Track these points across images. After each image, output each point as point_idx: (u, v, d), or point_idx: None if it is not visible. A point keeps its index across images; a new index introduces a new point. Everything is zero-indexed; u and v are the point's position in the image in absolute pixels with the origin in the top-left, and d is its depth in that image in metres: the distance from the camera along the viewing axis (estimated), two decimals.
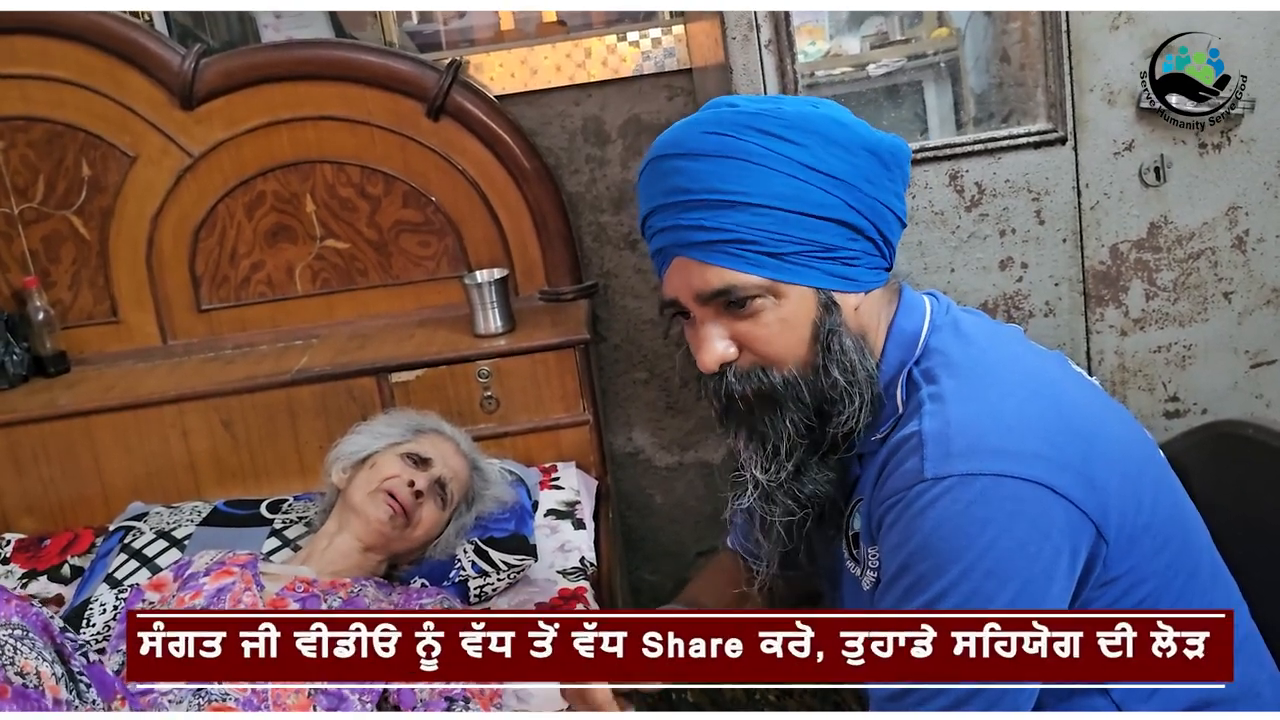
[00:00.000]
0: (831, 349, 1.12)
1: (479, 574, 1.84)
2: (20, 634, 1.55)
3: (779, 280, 1.10)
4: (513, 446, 2.26)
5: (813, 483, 1.16)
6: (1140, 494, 1.09)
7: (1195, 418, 1.96)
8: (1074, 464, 1.03)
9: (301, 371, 2.25)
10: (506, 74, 2.56)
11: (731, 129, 1.11)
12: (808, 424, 1.14)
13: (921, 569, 1.03)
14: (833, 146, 1.11)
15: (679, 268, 1.14)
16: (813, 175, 1.10)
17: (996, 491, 1.01)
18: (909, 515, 1.04)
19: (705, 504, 2.83)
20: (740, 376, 1.14)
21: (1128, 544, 1.06)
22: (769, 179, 1.09)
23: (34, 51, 2.35)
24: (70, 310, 2.49)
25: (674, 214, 1.12)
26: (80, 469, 2.25)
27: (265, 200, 2.46)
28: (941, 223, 1.89)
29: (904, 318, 1.19)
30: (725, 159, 1.10)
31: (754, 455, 1.16)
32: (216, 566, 1.72)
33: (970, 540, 1.01)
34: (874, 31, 2.24)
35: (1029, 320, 1.92)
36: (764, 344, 1.12)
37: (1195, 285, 1.92)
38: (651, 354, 2.74)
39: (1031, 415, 1.06)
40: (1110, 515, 1.05)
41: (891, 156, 1.15)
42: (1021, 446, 1.03)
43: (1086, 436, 1.07)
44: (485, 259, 2.48)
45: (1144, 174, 1.88)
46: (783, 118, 1.12)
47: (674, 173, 1.12)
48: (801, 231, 1.10)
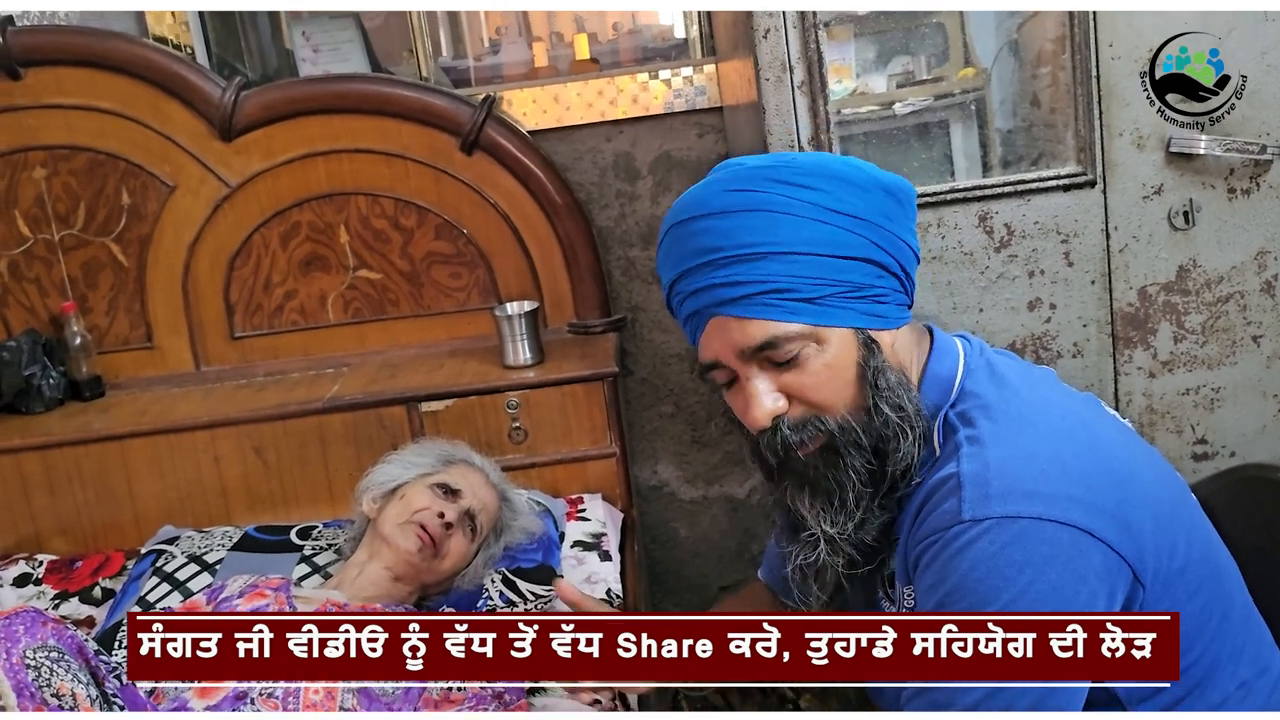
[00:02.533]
0: (880, 387, 1.13)
1: (506, 604, 1.85)
2: (56, 656, 1.57)
3: (819, 325, 1.12)
4: (540, 477, 2.27)
5: (872, 529, 1.17)
6: (1175, 537, 1.10)
7: (1223, 460, 1.96)
8: (1110, 508, 1.04)
9: (333, 399, 2.27)
10: (539, 110, 2.59)
11: (751, 183, 1.14)
12: (869, 467, 1.15)
13: (957, 609, 1.04)
14: (850, 187, 1.14)
15: (717, 328, 1.15)
16: (836, 217, 1.12)
17: (1034, 534, 1.02)
18: (946, 555, 1.05)
19: (730, 538, 2.84)
20: (795, 428, 1.14)
21: (1163, 588, 1.07)
22: (796, 226, 1.11)
23: (80, 83, 2.40)
24: (106, 335, 2.52)
25: (705, 274, 1.14)
26: (113, 492, 2.27)
27: (300, 230, 2.49)
28: (971, 263, 1.90)
29: (937, 362, 1.21)
30: (751, 212, 1.12)
31: (820, 510, 1.16)
32: (250, 589, 1.74)
33: (1007, 582, 1.02)
34: (900, 70, 2.26)
35: (1057, 361, 1.93)
36: (814, 391, 1.14)
37: (1224, 329, 1.92)
38: (678, 388, 2.76)
39: (1067, 459, 1.07)
40: (1146, 559, 1.06)
41: (903, 194, 1.18)
42: (1058, 490, 1.04)
43: (1121, 480, 1.08)
44: (515, 291, 2.51)
45: (1173, 218, 1.89)
46: (797, 166, 1.14)
47: (701, 233, 1.14)
48: (834, 274, 1.12)
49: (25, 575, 2.17)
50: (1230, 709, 1.13)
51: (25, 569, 2.18)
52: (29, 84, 2.41)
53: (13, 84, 2.41)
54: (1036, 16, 2.00)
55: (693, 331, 1.19)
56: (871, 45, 2.25)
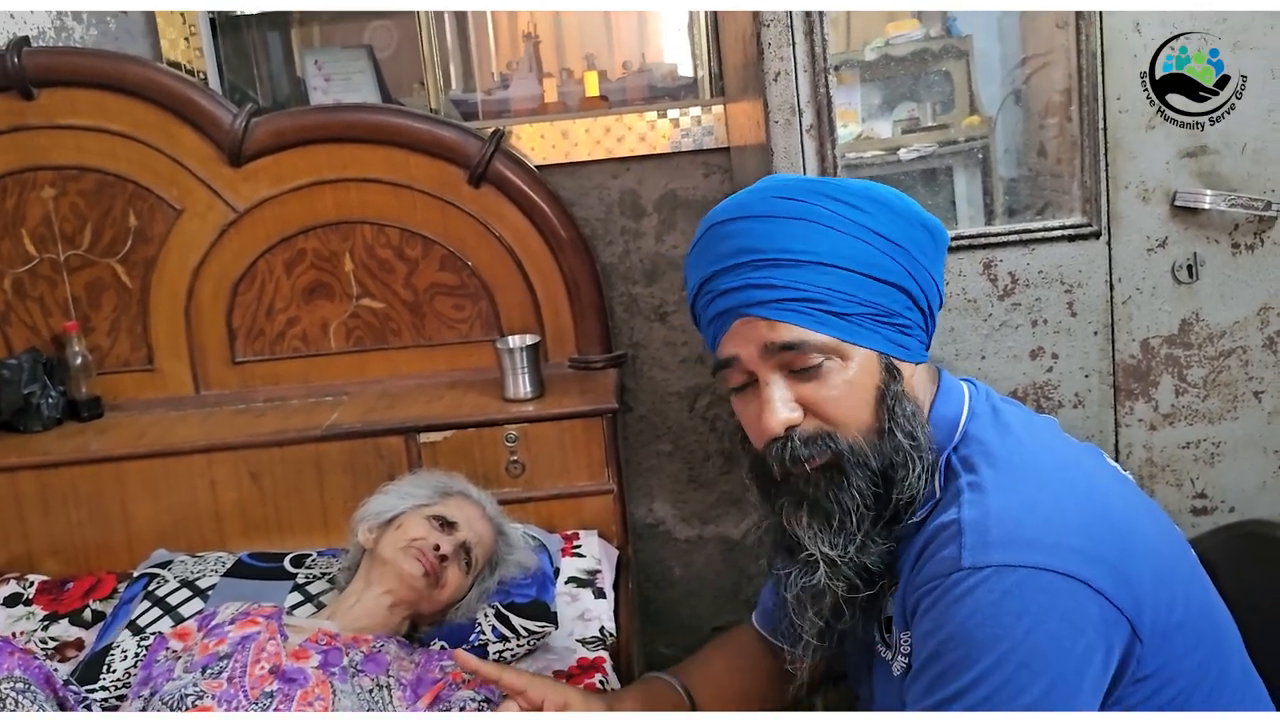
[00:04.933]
0: (895, 413, 1.14)
1: (499, 639, 1.84)
2: (22, 687, 1.57)
3: (845, 340, 1.13)
4: (536, 512, 2.27)
5: (873, 555, 1.16)
6: (1174, 592, 1.09)
7: (1222, 515, 1.95)
8: (1110, 560, 1.04)
9: (332, 427, 2.27)
10: (547, 145, 2.60)
11: (800, 193, 1.15)
12: (875, 492, 1.14)
13: (954, 657, 1.03)
14: (892, 214, 1.15)
15: (744, 326, 1.15)
16: (878, 240, 1.13)
17: (1033, 584, 1.01)
18: (944, 603, 1.04)
19: (724, 578, 2.82)
20: (806, 441, 1.14)
21: (1161, 642, 1.06)
22: (838, 240, 1.12)
23: (92, 104, 2.41)
24: (108, 356, 2.52)
25: (742, 274, 1.14)
26: (107, 514, 2.27)
27: (305, 257, 2.50)
28: (974, 310, 1.91)
29: (943, 403, 1.21)
30: (796, 220, 1.13)
31: (817, 531, 1.15)
32: (242, 616, 1.72)
33: (1005, 631, 1.01)
34: (906, 116, 2.27)
35: (1058, 411, 1.92)
36: (831, 405, 1.13)
37: (1226, 383, 1.92)
38: (677, 426, 2.75)
39: (1069, 509, 1.07)
40: (1145, 612, 1.05)
41: (939, 233, 1.20)
42: (1059, 540, 1.04)
43: (1122, 532, 1.08)
44: (517, 324, 2.51)
45: (1176, 271, 1.90)
46: (847, 187, 1.16)
47: (742, 234, 1.15)
48: (867, 294, 1.13)
49: (15, 595, 2.16)
50: None
51: (16, 589, 2.17)
52: (42, 104, 2.42)
53: (25, 104, 2.42)
54: (1045, 67, 2.02)
55: (716, 332, 1.19)
56: (878, 91, 2.26)
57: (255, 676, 1.57)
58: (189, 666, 1.61)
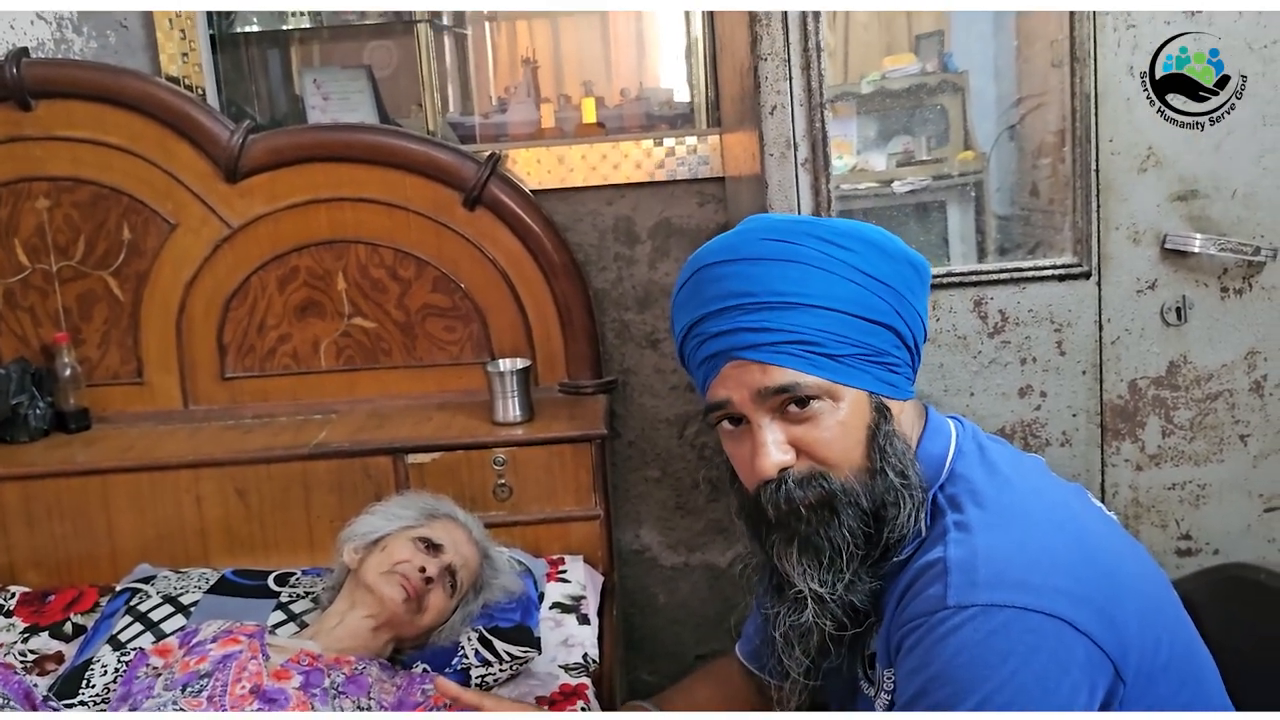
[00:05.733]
0: (887, 452, 1.14)
1: (482, 663, 1.83)
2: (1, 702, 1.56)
3: (837, 382, 1.13)
4: (522, 536, 2.26)
5: (861, 593, 1.16)
6: (1159, 634, 1.09)
7: (1206, 557, 1.96)
8: (1096, 601, 1.04)
9: (320, 446, 2.27)
10: (543, 170, 2.61)
11: (790, 235, 1.15)
12: (865, 530, 1.14)
13: (939, 696, 1.03)
14: (881, 254, 1.16)
15: (736, 369, 1.15)
16: (868, 280, 1.14)
17: (1019, 624, 1.02)
18: (929, 641, 1.04)
19: (709, 606, 2.82)
20: (800, 483, 1.14)
21: (1145, 684, 1.07)
22: (829, 282, 1.13)
23: (90, 116, 2.42)
24: (97, 368, 2.52)
25: (732, 317, 1.14)
26: (91, 527, 2.26)
27: (298, 275, 2.50)
28: (964, 347, 1.92)
29: (930, 441, 1.21)
30: (787, 263, 1.13)
31: (809, 568, 1.15)
32: (224, 634, 1.72)
33: (990, 671, 1.01)
34: (900, 150, 2.29)
35: (1045, 449, 1.93)
36: (824, 447, 1.14)
37: (1212, 426, 1.93)
38: (665, 453, 2.75)
39: (1056, 550, 1.07)
40: (1129, 655, 1.05)
41: (924, 270, 1.21)
42: (1045, 581, 1.04)
43: (1108, 574, 1.08)
44: (508, 347, 2.51)
45: (1165, 313, 1.91)
46: (834, 227, 1.17)
47: (732, 277, 1.15)
48: (858, 334, 1.13)
49: None
50: None
51: None
52: (39, 115, 2.43)
53: (23, 114, 2.43)
54: (1039, 108, 2.04)
55: (706, 375, 1.18)
56: (873, 123, 2.28)
57: (236, 696, 1.57)
58: (169, 684, 1.61)
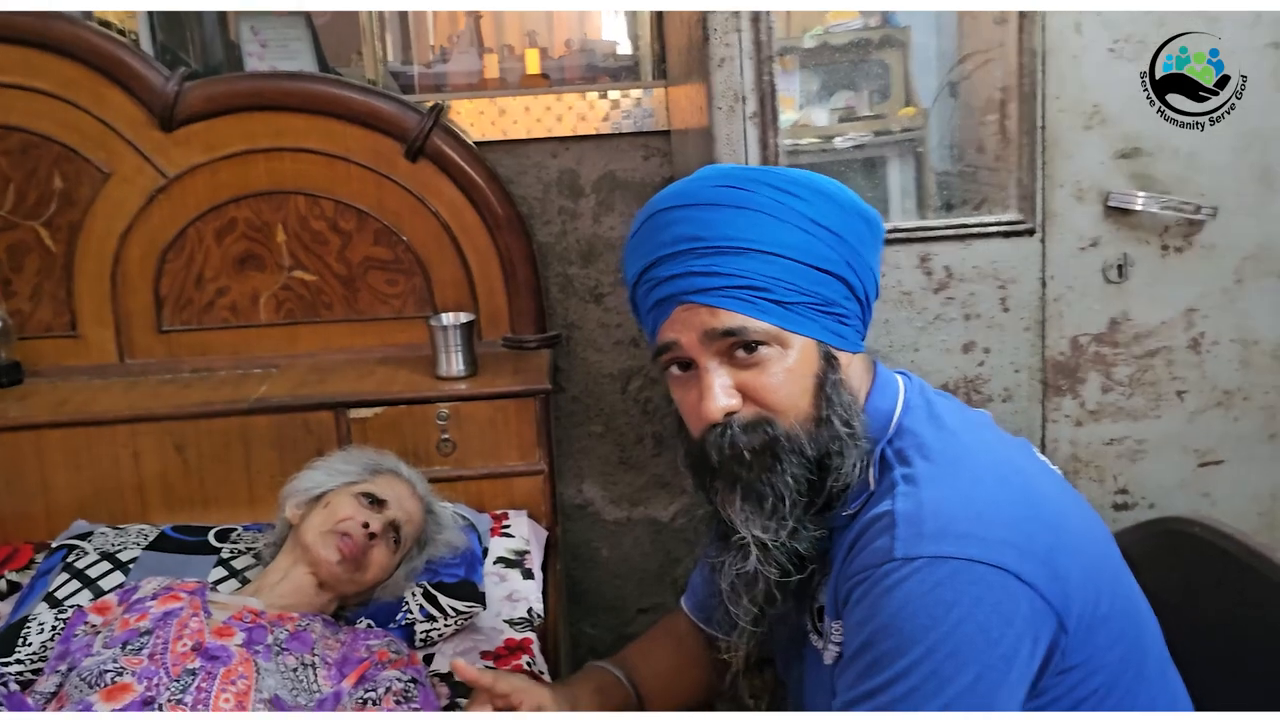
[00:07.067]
0: (833, 401, 1.15)
1: (426, 619, 1.83)
2: None
3: (786, 329, 1.13)
4: (465, 491, 2.25)
5: (805, 540, 1.17)
6: (1100, 586, 1.11)
7: (1143, 511, 1.99)
8: (1040, 553, 1.06)
9: (260, 401, 2.24)
10: (486, 121, 2.58)
11: (743, 182, 1.15)
12: (809, 478, 1.15)
13: (885, 647, 1.04)
14: (835, 205, 1.16)
15: (685, 312, 1.15)
16: (818, 230, 1.14)
17: (964, 575, 1.03)
18: (876, 593, 1.05)
19: (651, 560, 2.83)
20: (745, 428, 1.14)
21: (1086, 634, 1.08)
22: (780, 230, 1.13)
23: (17, 61, 2.34)
24: (29, 321, 2.46)
25: (683, 261, 1.14)
26: (25, 483, 2.21)
27: (237, 226, 2.45)
28: (909, 303, 1.92)
29: (878, 395, 1.22)
30: (739, 209, 1.13)
31: (751, 515, 1.16)
32: (164, 591, 1.69)
33: (935, 621, 1.02)
34: (843, 105, 2.28)
35: (988, 405, 1.95)
36: (770, 393, 1.14)
37: (1150, 382, 1.96)
38: (609, 408, 2.75)
39: (1002, 503, 1.08)
40: (1072, 605, 1.07)
41: (876, 224, 1.22)
42: (991, 533, 1.05)
43: (1053, 527, 1.09)
44: (451, 302, 2.49)
45: (1107, 271, 1.93)
46: (788, 176, 1.17)
47: (684, 221, 1.15)
48: (807, 283, 1.14)
49: None
50: None
51: None
52: None
53: None
54: (986, 64, 2.04)
55: (656, 319, 1.18)
56: (815, 77, 2.27)
57: (177, 653, 1.54)
58: (109, 642, 1.58)
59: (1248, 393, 1.97)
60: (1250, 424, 1.98)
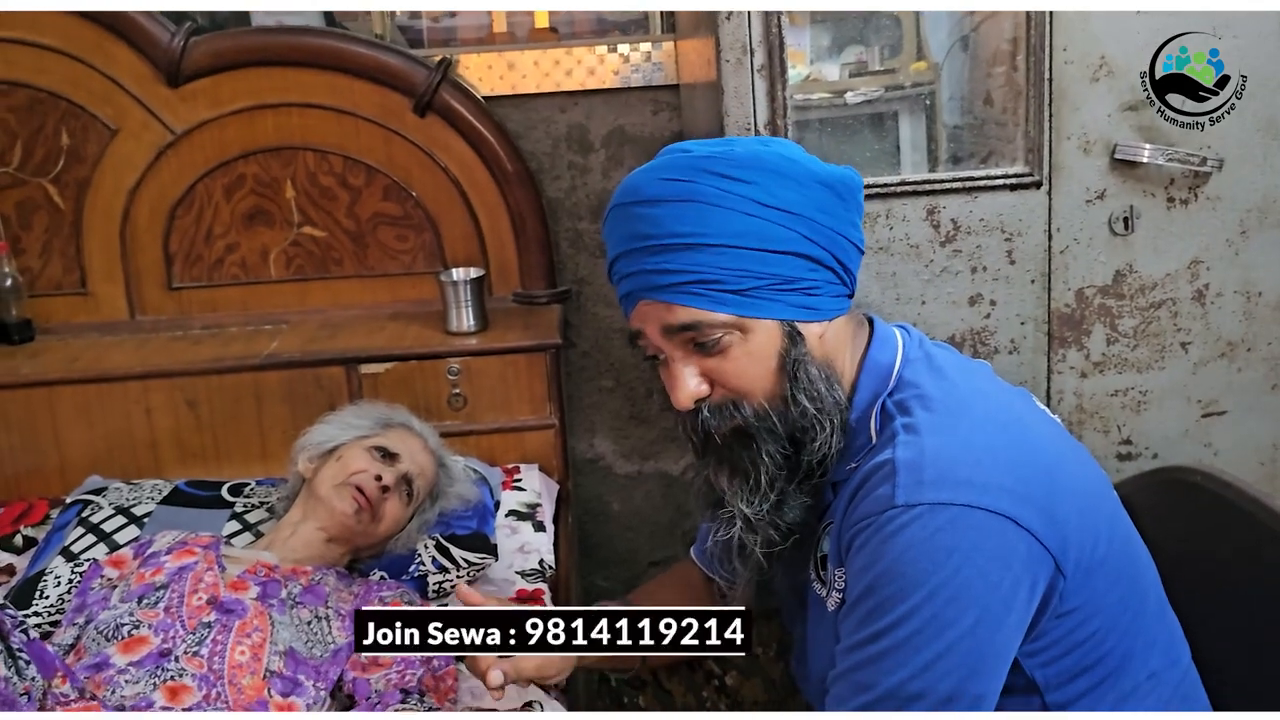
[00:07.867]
0: (799, 379, 1.17)
1: (439, 570, 1.85)
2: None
3: (744, 316, 1.15)
4: (477, 445, 2.27)
5: (792, 510, 1.20)
6: (1097, 531, 1.13)
7: (1146, 461, 2.01)
8: (1038, 499, 1.08)
9: (271, 356, 2.25)
10: (495, 76, 2.57)
11: (686, 173, 1.16)
12: (784, 454, 1.18)
13: (887, 592, 1.06)
14: (785, 181, 1.16)
15: (646, 307, 1.18)
16: (767, 211, 1.14)
17: (964, 521, 1.05)
18: (878, 539, 1.07)
19: (662, 514, 2.85)
20: (714, 412, 1.18)
21: (1084, 578, 1.10)
22: (726, 219, 1.14)
23: (23, 17, 2.34)
24: (39, 279, 2.47)
25: (638, 259, 1.17)
26: (39, 439, 2.23)
27: (245, 183, 2.46)
28: (916, 256, 1.93)
29: (878, 350, 1.23)
30: (683, 203, 1.14)
31: (737, 490, 1.20)
32: (179, 546, 1.72)
33: (935, 567, 1.04)
34: (854, 60, 2.27)
35: (994, 357, 1.96)
36: (734, 378, 1.17)
37: (1155, 334, 1.97)
38: (619, 362, 2.76)
39: (1000, 450, 1.10)
40: (1069, 550, 1.09)
41: (844, 187, 1.20)
42: (989, 480, 1.07)
43: (1050, 473, 1.11)
44: (461, 257, 2.50)
45: (1113, 223, 1.93)
46: (734, 159, 1.16)
47: (635, 219, 1.17)
48: (761, 266, 1.14)
49: None
50: (1140, 696, 1.17)
51: None
52: None
53: None
54: (994, 16, 2.03)
55: (625, 310, 1.23)
56: (826, 32, 2.26)
57: (193, 607, 1.57)
58: (125, 596, 1.61)
59: (1251, 344, 1.98)
60: (1253, 375, 1.99)
